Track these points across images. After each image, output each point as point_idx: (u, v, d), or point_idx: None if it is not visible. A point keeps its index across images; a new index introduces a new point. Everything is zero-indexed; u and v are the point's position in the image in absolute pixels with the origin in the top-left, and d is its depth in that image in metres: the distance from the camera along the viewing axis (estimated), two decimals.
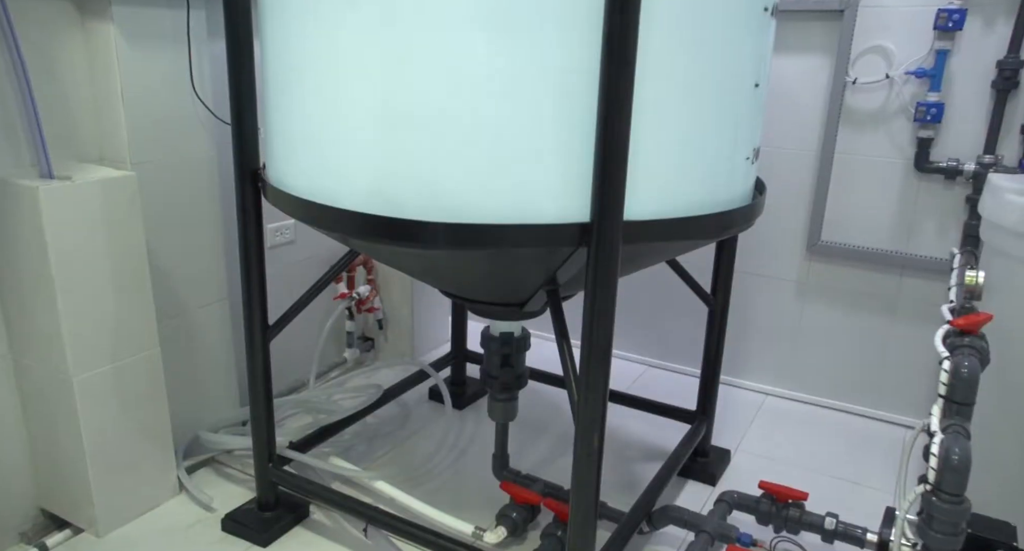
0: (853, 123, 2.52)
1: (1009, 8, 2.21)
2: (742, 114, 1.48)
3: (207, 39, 2.08)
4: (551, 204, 1.30)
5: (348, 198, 1.38)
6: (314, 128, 1.43)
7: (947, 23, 2.23)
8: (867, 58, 2.45)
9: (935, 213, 2.48)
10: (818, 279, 2.72)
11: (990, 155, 2.30)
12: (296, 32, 1.42)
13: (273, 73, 1.53)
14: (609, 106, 1.21)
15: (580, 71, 1.22)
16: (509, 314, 1.77)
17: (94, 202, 1.74)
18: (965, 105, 2.35)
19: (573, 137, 1.26)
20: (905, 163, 2.48)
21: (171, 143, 2.03)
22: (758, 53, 1.48)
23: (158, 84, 1.97)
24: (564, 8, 1.21)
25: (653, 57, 1.25)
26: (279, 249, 2.59)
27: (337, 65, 1.35)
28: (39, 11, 1.77)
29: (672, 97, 1.33)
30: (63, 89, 1.85)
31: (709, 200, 1.45)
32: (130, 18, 1.86)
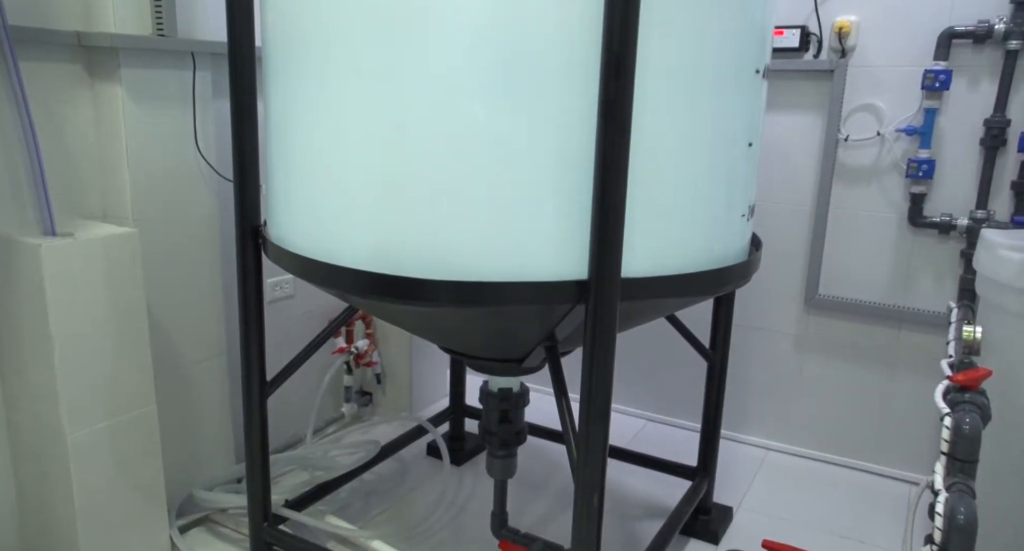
0: (846, 179, 2.56)
1: (992, 70, 2.27)
2: (736, 173, 1.50)
3: (212, 99, 2.12)
4: (550, 262, 1.31)
5: (349, 256, 1.39)
6: (315, 188, 1.45)
7: (934, 83, 2.29)
8: (858, 116, 2.50)
9: (931, 267, 2.50)
10: (817, 333, 2.72)
11: (982, 210, 2.33)
12: (299, 95, 1.45)
13: (276, 133, 1.56)
14: (605, 168, 1.23)
15: (577, 134, 1.25)
16: (508, 370, 1.77)
17: (95, 259, 1.76)
18: (956, 161, 2.39)
19: (571, 197, 1.28)
20: (899, 218, 2.51)
21: (174, 199, 2.06)
22: (751, 113, 1.52)
23: (162, 142, 2.00)
24: (561, 75, 1.24)
25: (648, 119, 1.29)
26: (278, 303, 2.60)
27: (339, 128, 1.38)
28: (50, 73, 1.81)
29: (667, 158, 1.35)
30: (69, 147, 1.89)
31: (706, 257, 1.47)
32: (138, 80, 1.91)
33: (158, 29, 1.94)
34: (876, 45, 2.43)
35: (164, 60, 1.97)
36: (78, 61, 1.88)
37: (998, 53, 2.25)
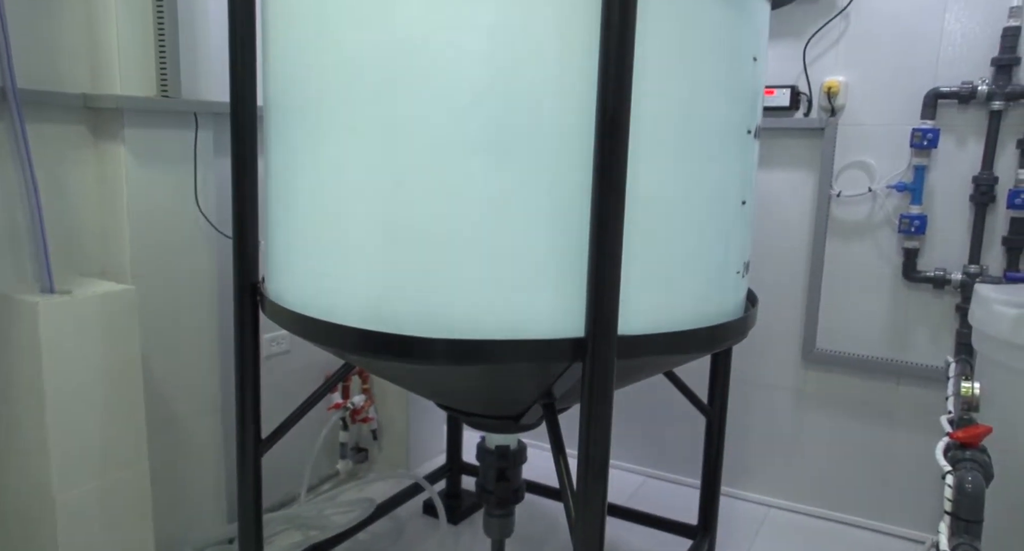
0: (840, 234, 2.59)
1: (977, 129, 2.33)
2: (731, 230, 1.52)
3: (213, 157, 2.16)
4: (546, 320, 1.32)
5: (346, 313, 1.40)
6: (314, 245, 1.46)
7: (922, 141, 2.34)
8: (850, 172, 2.54)
9: (927, 321, 2.51)
10: (815, 387, 2.71)
11: (975, 265, 2.35)
12: (299, 153, 1.48)
13: (276, 191, 1.58)
14: (601, 227, 1.25)
15: (573, 193, 1.27)
16: (505, 427, 1.75)
17: (93, 316, 1.76)
18: (947, 217, 2.42)
19: (567, 255, 1.29)
20: (894, 272, 2.53)
21: (172, 256, 2.07)
22: (743, 172, 1.54)
23: (163, 200, 2.03)
24: (556, 135, 1.27)
25: (643, 178, 1.31)
26: (275, 359, 2.59)
27: (338, 186, 1.40)
28: (56, 134, 1.85)
29: (662, 216, 1.37)
30: (71, 205, 1.91)
31: (702, 314, 1.47)
32: (141, 139, 1.94)
33: (162, 90, 1.98)
34: (865, 104, 2.49)
35: (168, 120, 2.01)
36: (83, 122, 1.91)
37: (982, 113, 2.31)
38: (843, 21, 2.49)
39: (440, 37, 1.27)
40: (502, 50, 1.26)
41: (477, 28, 1.26)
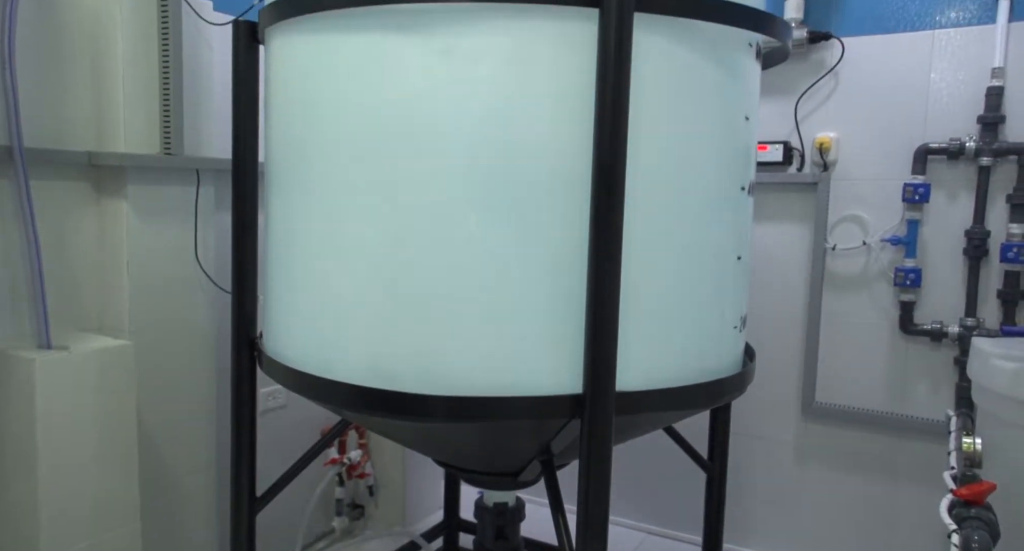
0: (836, 287, 2.60)
1: (968, 184, 2.36)
2: (727, 286, 1.53)
3: (214, 212, 2.18)
4: (544, 376, 1.32)
5: (343, 370, 1.39)
6: (312, 301, 1.47)
7: (914, 196, 2.37)
8: (844, 226, 2.57)
9: (926, 374, 2.50)
10: (816, 441, 2.69)
11: (972, 318, 2.36)
12: (298, 210, 1.50)
13: (275, 245, 1.59)
14: (598, 282, 1.26)
15: (569, 249, 1.29)
16: (503, 484, 1.73)
17: (89, 372, 1.75)
18: (941, 270, 2.44)
19: (564, 312, 1.30)
20: (891, 325, 2.53)
21: (171, 310, 2.07)
22: (738, 228, 1.56)
23: (163, 255, 2.04)
24: (554, 193, 1.29)
25: (639, 234, 1.33)
26: (271, 413, 2.57)
27: (337, 241, 1.41)
28: (59, 191, 1.87)
29: (658, 272, 1.38)
30: (71, 260, 1.92)
31: (700, 370, 1.47)
32: (143, 196, 1.97)
33: (166, 148, 2.01)
34: (856, 159, 2.53)
35: (170, 177, 2.03)
36: (87, 179, 1.94)
37: (971, 168, 2.35)
38: (832, 79, 2.55)
39: (438, 98, 1.30)
40: (499, 111, 1.29)
41: (475, 90, 1.29)
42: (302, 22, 1.44)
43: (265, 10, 1.55)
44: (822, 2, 2.54)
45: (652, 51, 1.32)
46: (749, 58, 1.54)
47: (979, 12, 2.33)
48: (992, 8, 2.30)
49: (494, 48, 1.28)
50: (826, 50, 2.55)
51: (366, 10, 1.33)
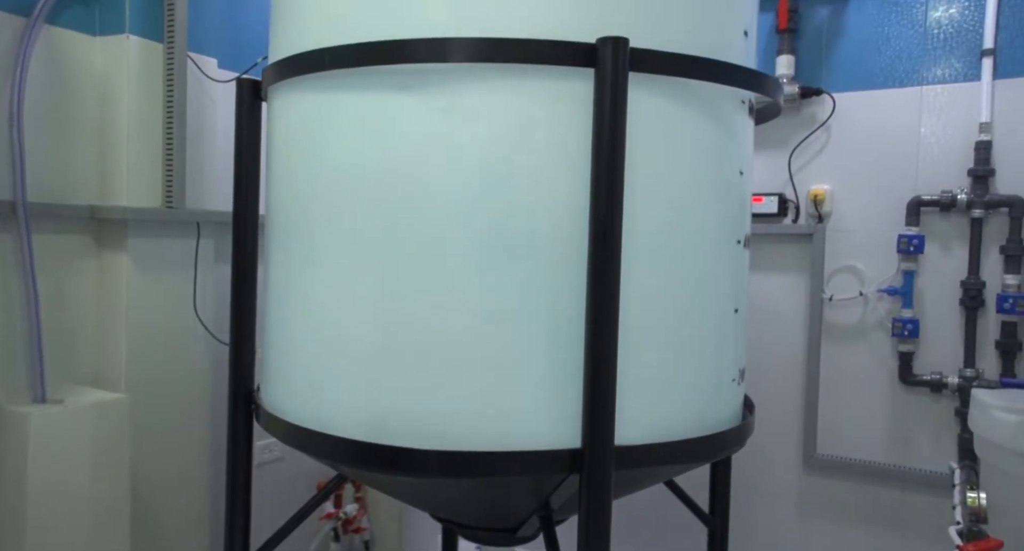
0: (835, 337, 2.60)
1: (961, 235, 2.39)
2: (725, 339, 1.54)
3: (213, 264, 2.20)
4: (542, 431, 1.31)
5: (341, 425, 1.38)
6: (310, 354, 1.47)
7: (908, 247, 2.39)
8: (840, 277, 2.59)
9: (927, 425, 2.48)
10: (818, 494, 2.65)
11: (971, 369, 2.36)
12: (297, 263, 1.51)
13: (274, 298, 1.60)
14: (596, 336, 1.26)
15: (568, 304, 1.29)
16: (501, 539, 1.70)
17: (83, 427, 1.74)
18: (939, 320, 2.44)
19: (562, 365, 1.30)
20: (890, 376, 2.52)
21: (168, 363, 2.07)
22: (735, 281, 1.57)
23: (162, 307, 2.05)
24: (552, 246, 1.31)
25: (636, 288, 1.33)
26: (267, 467, 2.53)
27: (335, 296, 1.42)
28: (61, 244, 1.89)
29: (656, 325, 1.39)
30: (70, 313, 1.93)
31: (699, 423, 1.47)
32: (144, 249, 1.98)
33: (167, 201, 2.04)
34: (851, 211, 2.56)
35: (171, 230, 2.05)
36: (88, 232, 1.96)
37: (964, 220, 2.37)
38: (824, 133, 2.60)
39: (438, 155, 1.32)
40: (498, 168, 1.31)
41: (474, 147, 1.31)
42: (304, 81, 1.47)
43: (268, 69, 1.59)
44: (812, 59, 2.61)
45: (647, 109, 1.35)
46: (742, 114, 1.57)
47: (964, 70, 2.39)
48: (976, 66, 2.36)
49: (493, 107, 1.31)
50: (818, 105, 2.60)
51: (367, 70, 1.36)
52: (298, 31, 1.50)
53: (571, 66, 1.29)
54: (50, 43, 1.86)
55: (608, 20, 1.32)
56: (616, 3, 1.34)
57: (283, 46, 1.54)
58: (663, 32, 1.37)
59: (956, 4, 2.40)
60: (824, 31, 2.60)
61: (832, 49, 2.58)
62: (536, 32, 1.30)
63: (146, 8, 1.98)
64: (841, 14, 2.57)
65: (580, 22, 1.31)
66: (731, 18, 1.50)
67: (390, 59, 1.33)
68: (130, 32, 1.95)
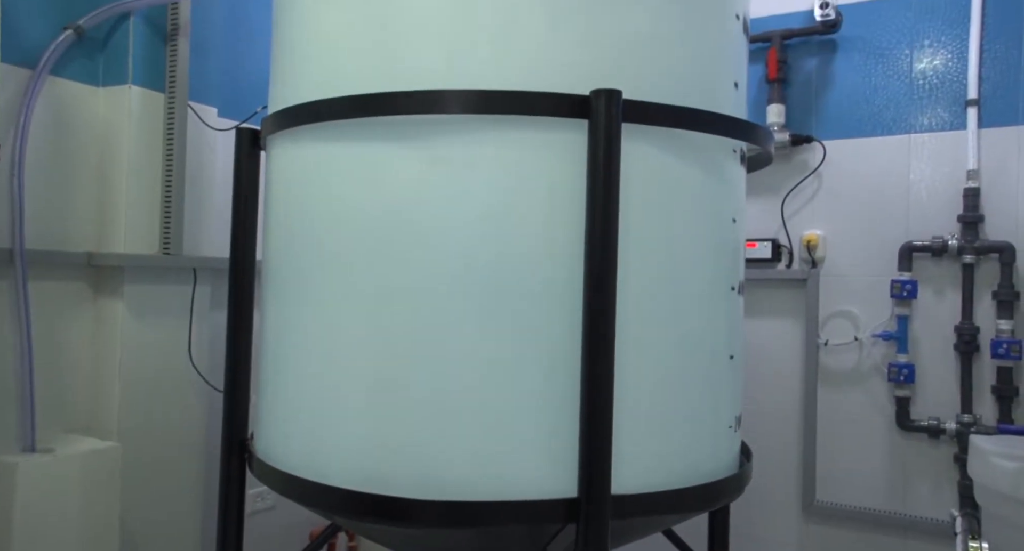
0: (831, 382, 2.60)
1: (953, 280, 2.41)
2: (720, 385, 1.53)
3: (209, 311, 2.19)
4: (539, 480, 1.30)
5: (335, 474, 1.37)
6: (304, 403, 1.46)
7: (901, 292, 2.41)
8: (835, 321, 2.60)
9: (926, 472, 2.46)
10: (818, 542, 2.61)
11: (968, 414, 2.35)
12: (294, 311, 1.51)
13: (269, 346, 1.60)
14: (591, 386, 1.26)
15: (564, 352, 1.30)
16: None
17: (73, 476, 1.72)
18: (935, 365, 2.44)
19: (558, 415, 1.30)
20: (887, 421, 2.51)
21: (161, 410, 2.05)
22: (729, 328, 1.58)
23: (156, 354, 2.04)
24: (546, 297, 1.31)
25: (631, 337, 1.34)
26: (259, 515, 2.49)
27: (330, 345, 1.42)
28: (57, 291, 1.89)
29: (651, 373, 1.39)
30: (63, 361, 1.92)
31: (696, 471, 1.45)
32: (140, 295, 1.99)
33: (165, 248, 2.05)
34: (844, 256, 2.58)
35: (167, 276, 2.06)
36: (85, 279, 1.96)
37: (956, 265, 2.40)
38: (816, 179, 2.64)
39: (432, 206, 1.34)
40: (492, 218, 1.33)
41: (468, 198, 1.33)
42: (302, 131, 1.49)
43: (267, 119, 1.61)
44: (802, 108, 2.66)
45: (639, 159, 1.37)
46: (734, 163, 1.60)
47: (950, 119, 2.44)
48: (961, 116, 2.42)
49: (487, 157, 1.33)
50: (809, 152, 2.65)
51: (363, 121, 1.39)
52: (297, 82, 1.53)
53: (565, 117, 1.32)
54: (54, 94, 1.89)
55: (601, 72, 1.35)
56: (608, 55, 1.38)
57: (282, 96, 1.57)
58: (655, 83, 1.40)
59: (939, 56, 2.47)
60: (813, 81, 2.66)
61: (821, 98, 2.64)
62: (530, 83, 1.33)
63: (149, 59, 2.02)
64: (829, 64, 2.63)
65: (573, 74, 1.34)
66: (721, 70, 1.54)
67: (386, 110, 1.36)
68: (132, 82, 1.99)
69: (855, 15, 2.58)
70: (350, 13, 1.44)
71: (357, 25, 1.43)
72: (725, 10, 1.54)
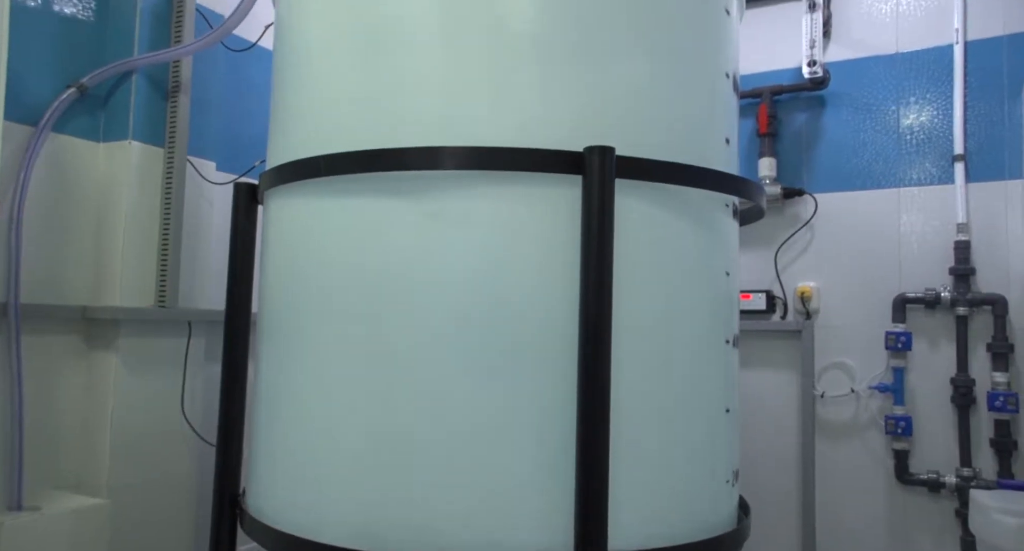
0: (829, 434, 2.58)
1: (948, 332, 2.42)
2: (717, 439, 1.52)
3: (203, 363, 2.18)
4: (534, 538, 1.27)
5: (328, 531, 1.35)
6: (298, 458, 1.44)
7: (896, 344, 2.41)
8: (831, 373, 2.59)
9: (927, 526, 2.42)
10: None
11: (968, 468, 2.33)
12: (289, 365, 1.50)
13: (264, 400, 1.58)
14: (587, 442, 1.25)
15: (559, 408, 1.29)
16: None
17: (60, 534, 1.68)
18: (932, 418, 2.43)
19: (553, 471, 1.28)
20: (886, 474, 2.49)
21: (152, 465, 2.02)
22: (725, 381, 1.57)
23: (148, 408, 2.02)
24: (541, 353, 1.31)
25: (625, 392, 1.33)
26: None
27: (325, 401, 1.41)
28: (50, 344, 1.88)
29: (646, 427, 1.38)
30: (54, 416, 1.89)
31: (693, 527, 1.43)
32: (134, 348, 1.98)
33: (160, 300, 2.05)
34: (838, 307, 2.59)
35: (162, 329, 2.05)
36: (79, 332, 1.95)
37: (949, 317, 2.41)
38: (808, 232, 2.66)
39: (427, 259, 1.35)
40: (487, 272, 1.33)
41: (463, 252, 1.34)
42: (299, 186, 1.51)
43: (265, 174, 1.63)
44: (793, 161, 2.71)
45: (633, 214, 1.38)
46: (727, 217, 1.62)
47: (938, 173, 2.49)
48: (949, 170, 2.46)
49: (482, 212, 1.35)
50: (800, 205, 2.68)
51: (360, 177, 1.40)
52: (295, 137, 1.56)
53: (559, 173, 1.33)
54: (55, 149, 1.92)
55: (594, 128, 1.38)
56: (602, 112, 1.41)
57: (280, 151, 1.59)
58: (648, 140, 1.42)
59: (926, 112, 2.52)
60: (803, 135, 2.71)
61: (812, 152, 2.69)
62: (525, 139, 1.35)
63: (150, 115, 2.06)
64: (818, 119, 2.69)
65: (567, 129, 1.36)
66: (713, 126, 1.57)
67: (384, 166, 1.38)
68: (133, 138, 2.01)
69: (842, 72, 2.64)
70: (348, 71, 1.47)
71: (355, 82, 1.46)
72: (715, 69, 1.58)
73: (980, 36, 2.45)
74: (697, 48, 1.54)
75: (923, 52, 2.53)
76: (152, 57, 2.01)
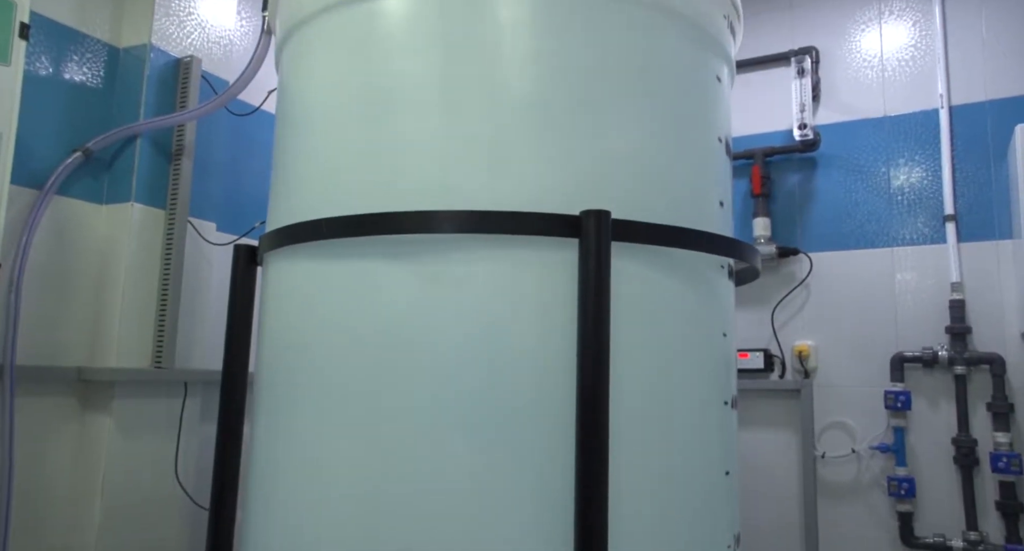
0: (830, 496, 2.54)
1: (947, 391, 2.41)
2: (716, 502, 1.50)
3: (199, 424, 2.16)
4: None
5: None
6: (292, 519, 1.42)
7: (895, 403, 2.40)
8: (831, 433, 2.57)
9: None
10: None
11: (974, 532, 2.29)
12: (285, 422, 1.49)
13: (258, 460, 1.56)
14: (585, 507, 1.23)
15: (556, 470, 1.27)
16: None
17: None
18: (935, 479, 2.40)
19: (551, 538, 1.26)
20: (891, 538, 2.44)
21: (143, 530, 1.98)
22: (724, 443, 1.56)
23: (141, 472, 1.98)
24: (539, 413, 1.30)
25: (624, 455, 1.32)
26: None
27: (321, 460, 1.39)
28: (44, 407, 1.86)
29: (645, 495, 1.36)
30: (45, 479, 1.86)
31: None
32: (128, 410, 1.96)
33: (156, 361, 2.04)
34: (836, 366, 2.59)
35: (157, 390, 2.04)
36: (74, 394, 1.94)
37: (948, 376, 2.40)
38: (804, 290, 2.68)
39: (425, 323, 1.35)
40: (484, 335, 1.33)
41: (461, 315, 1.35)
42: (299, 249, 1.52)
43: (265, 236, 1.65)
44: (787, 221, 2.74)
45: (629, 277, 1.40)
46: (722, 278, 1.63)
47: (930, 233, 2.52)
48: (941, 230, 2.49)
49: (479, 276, 1.36)
50: (795, 263, 2.70)
51: (359, 240, 1.42)
52: (295, 200, 1.58)
53: (556, 237, 1.35)
54: (58, 211, 1.94)
55: (590, 191, 1.40)
56: (597, 176, 1.43)
57: (280, 213, 1.61)
58: (643, 203, 1.45)
59: (915, 173, 2.57)
60: (796, 195, 2.75)
61: (805, 211, 2.73)
62: (522, 202, 1.37)
63: (152, 178, 2.09)
64: (811, 180, 2.74)
65: (563, 193, 1.39)
66: (707, 189, 1.60)
67: (382, 230, 1.39)
68: (135, 200, 2.04)
69: (832, 135, 2.70)
70: (348, 136, 1.50)
71: (355, 148, 1.49)
72: (708, 133, 1.62)
73: (964, 101, 2.51)
74: (690, 114, 1.58)
75: (910, 115, 2.59)
76: (157, 122, 2.06)
